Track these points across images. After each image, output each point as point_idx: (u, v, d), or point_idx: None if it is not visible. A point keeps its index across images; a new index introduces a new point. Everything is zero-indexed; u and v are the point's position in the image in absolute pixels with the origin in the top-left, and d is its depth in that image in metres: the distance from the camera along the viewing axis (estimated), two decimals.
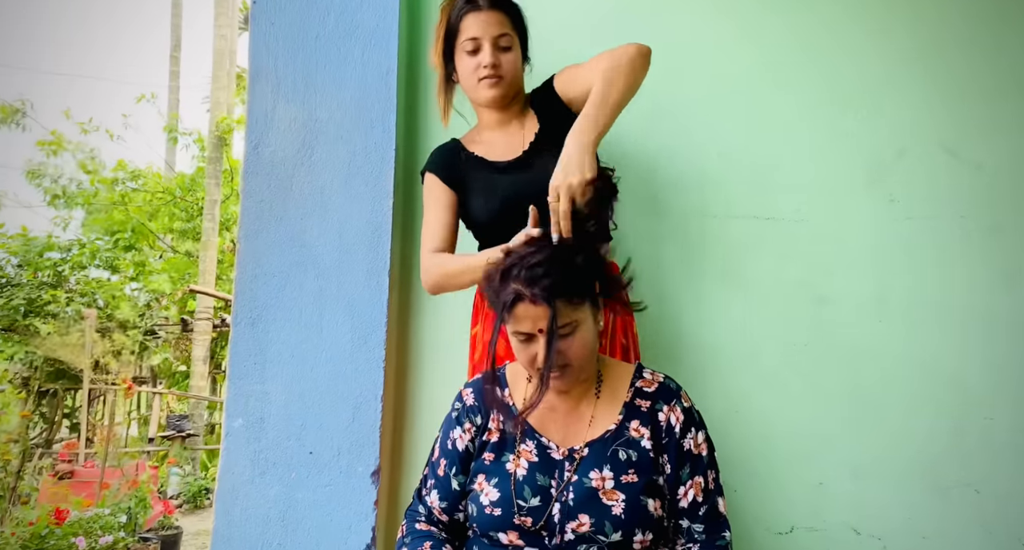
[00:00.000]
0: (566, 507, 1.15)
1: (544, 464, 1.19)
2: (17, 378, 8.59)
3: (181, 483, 7.17)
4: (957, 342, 1.74)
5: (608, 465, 1.18)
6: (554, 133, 1.51)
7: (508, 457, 1.21)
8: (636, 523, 1.14)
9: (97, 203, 11.59)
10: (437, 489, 1.26)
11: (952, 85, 1.83)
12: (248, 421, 1.71)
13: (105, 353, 8.51)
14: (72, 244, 9.89)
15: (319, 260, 1.72)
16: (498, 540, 1.18)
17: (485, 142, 1.58)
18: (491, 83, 1.49)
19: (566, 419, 1.24)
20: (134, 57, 65.22)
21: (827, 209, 1.80)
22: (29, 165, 11.84)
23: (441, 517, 1.26)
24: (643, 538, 1.14)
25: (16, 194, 21.86)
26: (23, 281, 8.71)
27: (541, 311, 1.13)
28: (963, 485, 1.69)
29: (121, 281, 10.50)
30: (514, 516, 1.16)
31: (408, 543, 1.23)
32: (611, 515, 1.14)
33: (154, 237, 11.74)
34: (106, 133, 12.48)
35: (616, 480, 1.16)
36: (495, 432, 1.24)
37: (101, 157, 12.15)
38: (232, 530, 1.69)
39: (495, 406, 1.25)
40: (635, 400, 1.24)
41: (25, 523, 3.35)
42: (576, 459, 1.19)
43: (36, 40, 51.60)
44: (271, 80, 1.86)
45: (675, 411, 1.22)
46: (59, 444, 8.54)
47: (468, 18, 1.48)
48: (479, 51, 1.48)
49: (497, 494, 1.18)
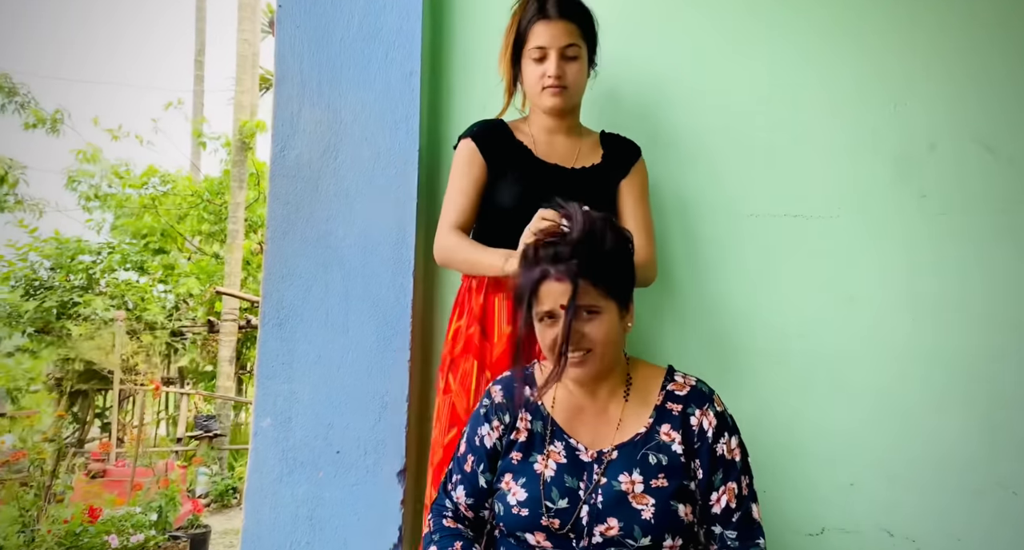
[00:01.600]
0: (595, 510, 1.14)
1: (572, 466, 1.19)
2: (50, 379, 8.77)
3: (209, 482, 7.27)
4: (989, 340, 1.71)
5: (638, 469, 1.16)
6: (609, 177, 1.58)
7: (536, 457, 1.21)
8: (666, 528, 1.12)
9: (128, 207, 11.81)
10: (464, 485, 1.26)
11: (985, 78, 1.79)
12: (276, 421, 1.73)
13: (135, 354, 8.65)
14: (102, 247, 10.07)
15: (345, 261, 1.73)
16: (525, 540, 1.17)
17: (534, 138, 1.59)
18: (554, 92, 1.50)
19: (595, 421, 1.23)
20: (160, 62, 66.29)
21: (857, 206, 1.77)
22: (68, 172, 12.14)
23: (467, 513, 1.26)
24: (672, 543, 1.13)
25: (53, 199, 22.39)
26: (56, 284, 8.88)
27: (564, 288, 1.13)
28: (997, 486, 1.66)
29: (150, 283, 10.67)
30: (541, 517, 1.15)
31: (437, 541, 1.23)
32: (640, 519, 1.13)
33: (182, 240, 11.92)
34: (135, 138, 12.72)
35: (646, 484, 1.15)
36: (523, 431, 1.24)
37: (132, 162, 12.41)
38: (261, 529, 1.71)
39: (522, 404, 1.25)
40: (666, 403, 1.22)
41: (60, 521, 3.42)
42: (605, 462, 1.18)
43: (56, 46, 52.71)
44: (296, 83, 1.88)
45: (708, 415, 1.20)
46: (91, 443, 8.70)
47: (537, 26, 1.48)
48: (545, 60, 1.49)
49: (525, 494, 1.17)
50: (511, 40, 1.54)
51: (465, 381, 1.48)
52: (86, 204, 12.35)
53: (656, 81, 1.90)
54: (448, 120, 1.95)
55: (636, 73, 1.91)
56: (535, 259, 1.17)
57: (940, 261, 1.74)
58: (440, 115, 1.96)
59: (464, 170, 1.56)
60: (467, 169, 1.56)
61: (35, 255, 9.14)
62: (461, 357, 1.51)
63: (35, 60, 29.54)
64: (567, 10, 1.50)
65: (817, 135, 1.81)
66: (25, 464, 3.73)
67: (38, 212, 11.82)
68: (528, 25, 1.49)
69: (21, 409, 7.65)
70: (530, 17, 1.49)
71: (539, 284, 1.15)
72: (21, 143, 38.34)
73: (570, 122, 1.60)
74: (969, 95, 1.79)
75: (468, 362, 1.50)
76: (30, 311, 8.34)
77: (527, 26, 1.49)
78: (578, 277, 1.12)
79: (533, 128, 1.61)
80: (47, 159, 37.70)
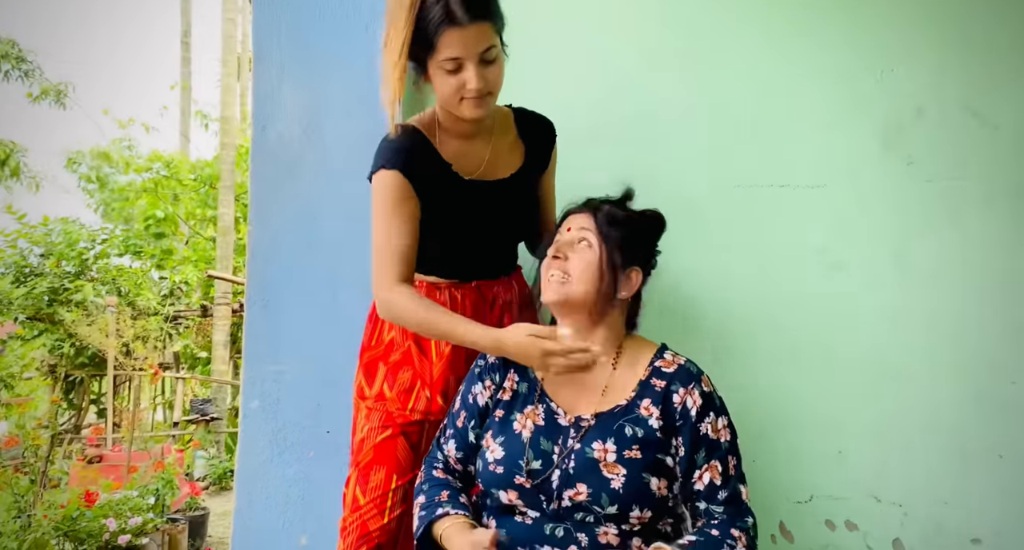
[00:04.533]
0: (565, 474, 1.17)
1: (549, 429, 1.22)
2: (44, 366, 8.75)
3: (207, 465, 7.29)
4: (979, 307, 1.71)
5: (612, 438, 1.18)
6: (532, 177, 1.50)
7: (516, 416, 1.25)
8: (634, 499, 1.14)
9: (130, 190, 11.76)
10: (455, 439, 1.31)
11: (971, 43, 1.77)
12: (265, 402, 1.72)
13: (132, 340, 8.62)
14: (96, 233, 9.99)
15: (330, 240, 1.72)
16: (498, 498, 1.21)
17: (452, 150, 1.42)
18: (476, 103, 1.31)
19: (579, 386, 1.26)
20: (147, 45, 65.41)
21: (843, 174, 1.76)
22: (67, 153, 12.08)
23: (456, 466, 1.31)
24: (640, 515, 1.14)
25: (51, 175, 22.18)
26: (46, 270, 8.83)
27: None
28: (985, 450, 1.67)
29: (145, 268, 10.61)
30: (515, 475, 1.18)
31: (426, 490, 1.27)
32: (609, 488, 1.14)
33: (177, 224, 11.84)
34: (126, 120, 12.64)
35: (619, 454, 1.17)
36: (508, 391, 1.29)
37: (135, 146, 12.36)
38: (253, 509, 1.71)
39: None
40: (651, 379, 1.24)
41: (57, 506, 3.42)
42: (582, 428, 1.20)
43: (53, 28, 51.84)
44: (275, 60, 1.85)
45: (692, 394, 1.21)
46: (87, 429, 8.71)
47: (447, 35, 1.23)
48: (461, 70, 1.27)
49: (502, 453, 1.22)
50: (406, 47, 1.26)
51: (402, 393, 1.42)
52: (86, 186, 12.32)
53: (640, 51, 1.88)
54: (432, 97, 1.92)
55: (620, 43, 1.88)
56: None
57: (928, 228, 1.73)
58: (424, 92, 1.93)
59: (397, 209, 1.35)
60: (401, 208, 1.35)
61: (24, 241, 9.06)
62: (400, 367, 1.44)
63: (25, 38, 29.50)
64: (478, 10, 1.25)
65: (802, 104, 1.80)
66: (20, 450, 3.73)
67: (35, 186, 11.74)
68: (436, 32, 1.24)
69: (16, 396, 7.65)
70: (436, 23, 1.23)
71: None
72: (26, 118, 37.90)
73: (487, 121, 1.43)
74: (955, 61, 1.77)
75: (406, 374, 1.43)
76: (20, 297, 8.30)
77: (434, 34, 1.24)
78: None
79: (447, 135, 1.42)
80: (50, 139, 37.38)
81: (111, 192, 12.34)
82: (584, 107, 1.87)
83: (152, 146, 13.10)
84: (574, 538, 1.14)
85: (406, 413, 1.42)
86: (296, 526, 1.69)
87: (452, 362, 1.44)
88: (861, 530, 1.67)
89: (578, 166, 1.83)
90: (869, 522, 1.67)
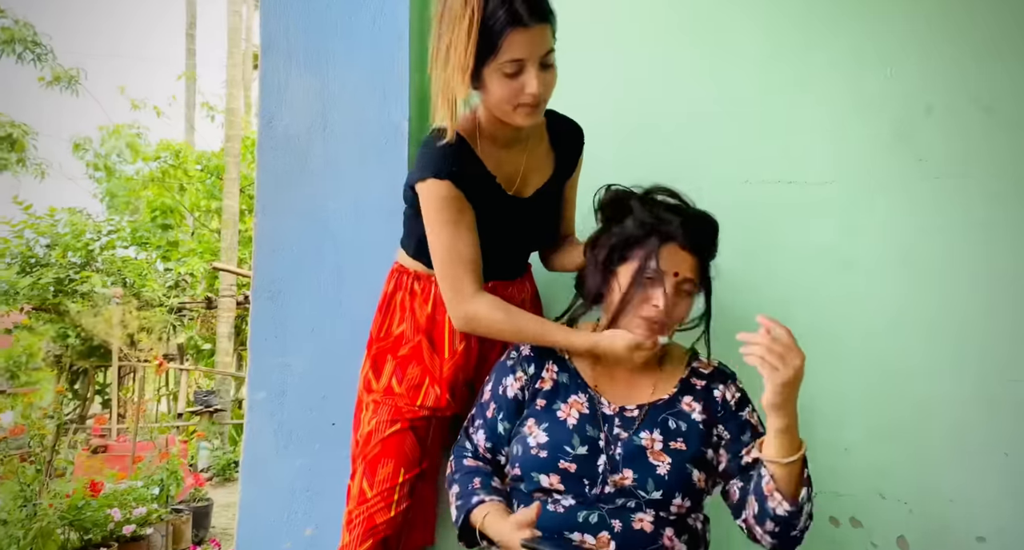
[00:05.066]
0: (613, 460, 1.20)
1: (594, 417, 1.24)
2: (49, 356, 8.79)
3: (211, 457, 7.32)
4: (987, 304, 1.70)
5: (659, 429, 1.23)
6: (562, 179, 1.48)
7: (560, 405, 1.27)
8: (678, 487, 1.18)
9: (136, 180, 11.78)
10: (484, 430, 1.32)
11: (983, 38, 1.76)
12: (270, 394, 1.72)
13: (136, 331, 8.66)
14: (102, 225, 10.01)
15: (336, 233, 1.72)
16: (538, 482, 1.21)
17: (493, 157, 1.38)
18: (530, 111, 1.27)
19: (623, 382, 1.30)
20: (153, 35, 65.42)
21: (854, 171, 1.75)
22: (73, 139, 12.10)
23: (486, 455, 1.32)
24: (681, 503, 1.18)
25: (60, 164, 22.11)
26: (52, 261, 8.85)
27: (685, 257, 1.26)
28: (990, 449, 1.66)
29: (151, 260, 10.63)
30: (560, 460, 1.20)
31: (458, 480, 1.29)
32: (656, 473, 1.18)
33: (182, 215, 11.87)
34: (139, 101, 12.68)
35: (665, 444, 1.21)
36: (548, 381, 1.30)
37: (144, 134, 12.39)
38: (258, 501, 1.71)
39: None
40: (691, 378, 1.31)
41: (62, 495, 3.44)
42: (627, 418, 1.25)
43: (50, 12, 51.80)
44: (283, 52, 1.84)
45: (730, 389, 1.31)
46: (92, 420, 8.75)
47: (513, 36, 1.19)
48: (521, 73, 1.23)
49: (546, 438, 1.22)
50: (472, 48, 1.20)
51: (411, 388, 1.40)
52: (92, 174, 12.35)
53: (649, 49, 1.87)
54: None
55: (628, 41, 1.87)
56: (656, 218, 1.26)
57: (937, 225, 1.72)
58: (431, 82, 1.92)
59: (460, 218, 1.31)
60: (462, 217, 1.31)
61: (30, 232, 9.09)
62: (409, 361, 1.43)
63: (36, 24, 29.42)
64: (542, 12, 1.23)
65: (811, 100, 1.78)
66: (25, 439, 3.76)
67: (41, 173, 11.76)
68: (500, 33, 1.19)
69: (22, 386, 7.69)
70: (501, 23, 1.19)
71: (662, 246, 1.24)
72: (34, 103, 37.89)
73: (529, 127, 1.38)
74: (967, 56, 1.76)
75: (415, 369, 1.42)
76: (26, 288, 8.34)
77: (499, 35, 1.19)
78: (705, 252, 1.26)
79: (488, 144, 1.38)
80: (58, 126, 37.33)
81: (118, 181, 12.36)
82: (592, 105, 1.87)
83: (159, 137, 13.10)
84: (607, 524, 1.16)
85: (415, 408, 1.41)
86: (301, 518, 1.70)
87: (463, 360, 1.44)
88: (866, 527, 1.67)
89: (585, 163, 1.83)
90: (874, 519, 1.67)
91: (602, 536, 1.15)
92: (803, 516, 1.13)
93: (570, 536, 1.16)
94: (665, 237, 1.23)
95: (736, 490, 1.23)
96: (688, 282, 1.25)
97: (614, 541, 1.15)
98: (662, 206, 1.28)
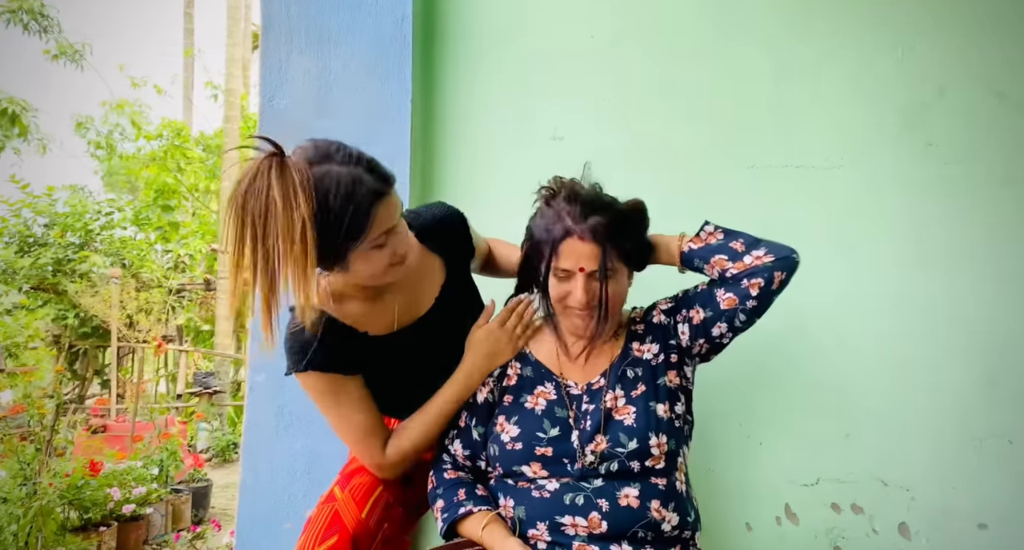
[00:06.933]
0: (584, 433, 1.21)
1: (561, 399, 1.26)
2: (48, 336, 8.78)
3: (210, 438, 7.34)
4: (993, 291, 1.69)
5: (619, 385, 1.25)
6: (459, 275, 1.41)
7: (526, 397, 1.28)
8: (648, 428, 1.19)
9: (136, 159, 11.70)
10: (460, 439, 1.32)
11: (995, 22, 1.73)
12: (270, 376, 1.72)
13: (135, 312, 8.64)
14: (102, 205, 9.95)
15: None
16: (522, 473, 1.22)
17: (360, 314, 1.30)
18: (402, 266, 1.22)
19: (586, 360, 1.30)
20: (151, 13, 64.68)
21: (861, 155, 1.73)
22: (75, 118, 12.01)
23: (465, 463, 1.32)
24: (658, 441, 1.19)
25: (62, 140, 21.85)
26: (51, 240, 8.81)
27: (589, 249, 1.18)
28: (995, 436, 1.66)
29: (150, 240, 10.59)
30: (535, 447, 1.21)
31: (441, 494, 1.28)
32: (623, 426, 1.20)
33: (182, 196, 11.81)
34: (139, 79, 12.55)
35: (627, 396, 1.24)
36: (513, 377, 1.32)
37: (145, 113, 12.29)
38: (259, 482, 1.71)
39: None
40: (631, 327, 1.33)
41: (62, 475, 3.44)
42: (594, 390, 1.26)
43: None
44: (283, 30, 1.82)
45: (659, 306, 1.34)
46: (91, 400, 8.76)
47: (379, 209, 1.13)
48: (392, 235, 1.17)
49: (517, 430, 1.24)
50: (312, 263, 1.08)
51: (357, 493, 1.33)
52: (94, 151, 12.28)
53: (658, 30, 1.84)
54: (442, 67, 1.89)
55: (638, 19, 1.84)
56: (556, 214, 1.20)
57: (944, 211, 1.71)
58: (434, 62, 1.90)
59: (340, 397, 1.28)
60: (341, 395, 1.28)
61: (28, 211, 9.04)
62: (356, 473, 1.37)
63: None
64: (389, 175, 1.18)
65: (820, 83, 1.76)
66: (25, 419, 3.75)
67: (42, 148, 11.69)
68: (368, 213, 1.13)
69: (21, 365, 7.68)
70: (368, 203, 1.12)
71: (560, 243, 1.19)
72: (38, 77, 37.50)
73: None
74: (979, 40, 1.73)
75: (364, 477, 1.36)
76: (24, 268, 8.30)
77: (367, 215, 1.13)
78: (606, 241, 1.18)
79: (355, 304, 1.29)
80: (61, 102, 36.91)
81: (119, 159, 12.28)
82: (597, 86, 1.84)
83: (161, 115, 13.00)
84: (595, 504, 1.16)
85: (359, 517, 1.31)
86: (301, 499, 1.70)
87: None
88: (867, 513, 1.67)
89: (592, 147, 1.81)
90: (875, 506, 1.67)
91: (593, 517, 1.15)
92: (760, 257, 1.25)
93: (560, 520, 1.16)
94: (564, 233, 1.19)
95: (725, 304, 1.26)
96: (595, 274, 1.20)
97: (605, 520, 1.15)
98: (563, 200, 1.21)
